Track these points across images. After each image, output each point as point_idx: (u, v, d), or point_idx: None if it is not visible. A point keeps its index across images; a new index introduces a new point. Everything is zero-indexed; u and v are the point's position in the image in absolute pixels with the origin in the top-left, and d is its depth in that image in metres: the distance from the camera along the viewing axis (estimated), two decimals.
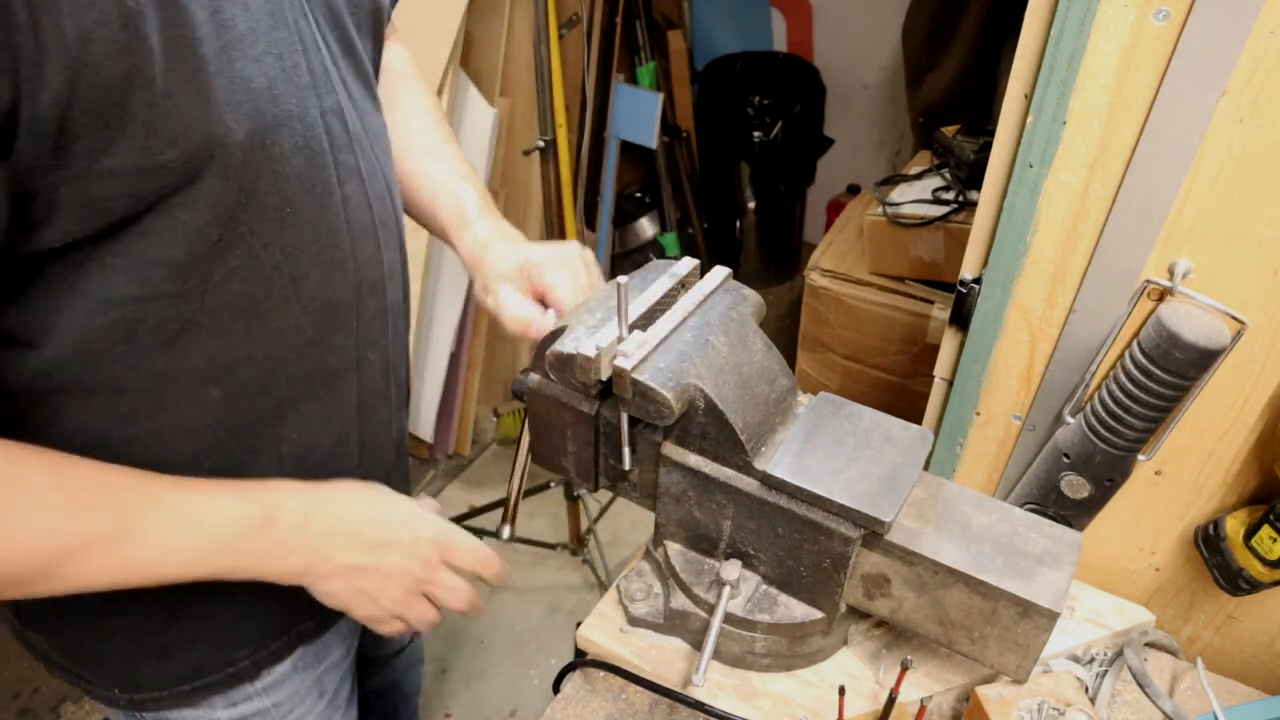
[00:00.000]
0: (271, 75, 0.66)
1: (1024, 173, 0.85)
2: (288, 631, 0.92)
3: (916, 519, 0.79)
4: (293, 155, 0.70)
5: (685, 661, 0.90)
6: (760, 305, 0.87)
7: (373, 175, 0.81)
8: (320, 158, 0.73)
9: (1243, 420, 0.89)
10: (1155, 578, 1.05)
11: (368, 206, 0.80)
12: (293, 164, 0.70)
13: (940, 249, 2.03)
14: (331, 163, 0.74)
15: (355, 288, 0.81)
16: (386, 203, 0.84)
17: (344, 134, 0.76)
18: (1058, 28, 0.78)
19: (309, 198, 0.73)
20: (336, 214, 0.76)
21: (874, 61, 3.15)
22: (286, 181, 0.70)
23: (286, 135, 0.68)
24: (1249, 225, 0.79)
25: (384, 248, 0.84)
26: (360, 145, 0.79)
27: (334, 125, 0.75)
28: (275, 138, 0.67)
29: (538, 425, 0.89)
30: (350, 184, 0.77)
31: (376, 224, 0.82)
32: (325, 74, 0.73)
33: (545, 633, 2.29)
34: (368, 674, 1.26)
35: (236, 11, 0.63)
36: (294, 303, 0.76)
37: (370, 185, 0.80)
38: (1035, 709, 0.80)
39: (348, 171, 0.77)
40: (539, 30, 2.01)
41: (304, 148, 0.71)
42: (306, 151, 0.71)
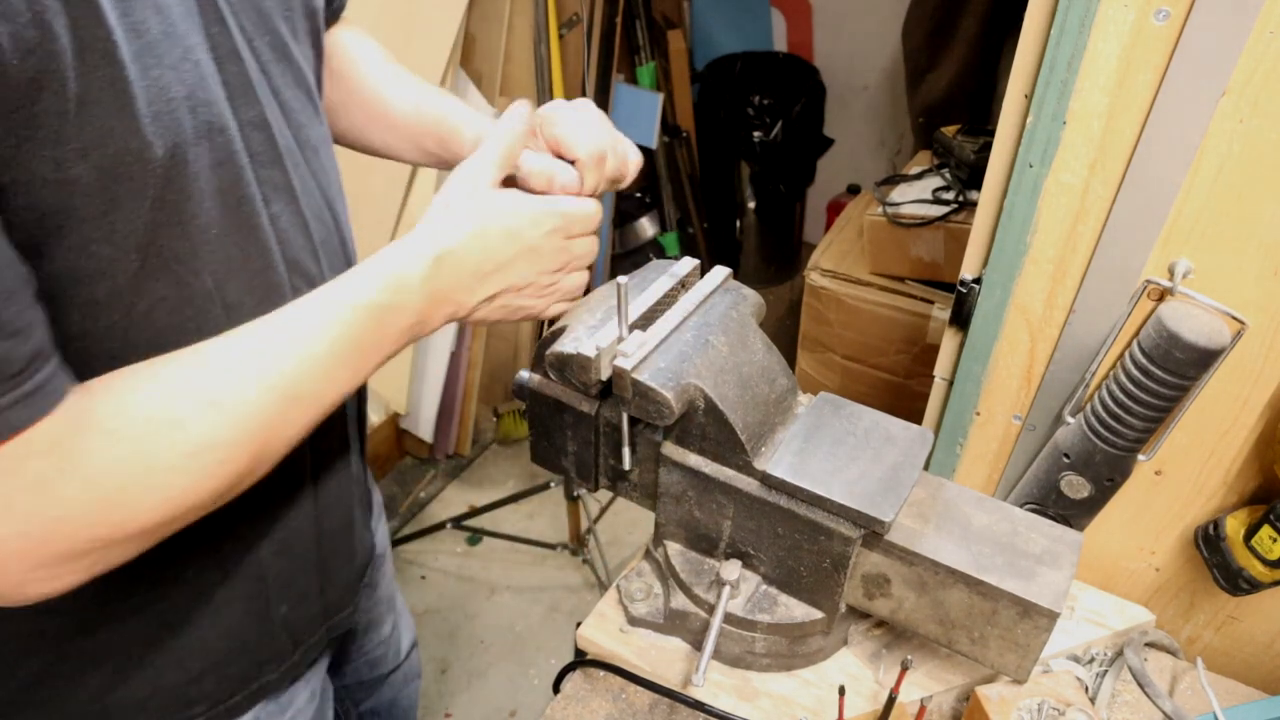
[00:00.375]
0: (190, 84, 0.61)
1: (1024, 173, 0.85)
2: (248, 684, 0.86)
3: (916, 519, 0.79)
4: (213, 172, 0.64)
5: (685, 661, 0.90)
6: (760, 305, 0.87)
7: (308, 192, 0.76)
8: (242, 174, 0.67)
9: (1243, 420, 0.89)
10: (1155, 578, 1.05)
11: (303, 226, 0.75)
12: (213, 181, 0.64)
13: (940, 249, 2.03)
14: (253, 179, 0.69)
15: None
16: (327, 221, 0.79)
17: (268, 148, 0.70)
18: (1058, 28, 0.78)
19: (234, 218, 0.67)
20: (265, 235, 0.70)
21: (874, 61, 3.15)
22: (209, 201, 0.64)
23: (206, 150, 0.63)
24: (1249, 225, 0.79)
25: (327, 270, 0.78)
26: (291, 160, 0.73)
27: (255, 139, 0.69)
28: (196, 153, 0.62)
29: (538, 425, 0.89)
30: (277, 202, 0.72)
31: (316, 245, 0.76)
32: (247, 84, 0.68)
33: (545, 633, 2.29)
34: (363, 695, 1.24)
35: (148, 15, 0.58)
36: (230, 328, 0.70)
37: (305, 203, 0.75)
38: (1035, 709, 0.80)
39: (273, 189, 0.71)
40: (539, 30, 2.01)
41: (224, 163, 0.65)
42: (228, 167, 0.66)
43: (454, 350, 2.54)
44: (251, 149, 0.68)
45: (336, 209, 0.81)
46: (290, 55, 0.74)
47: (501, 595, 2.38)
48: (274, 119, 0.71)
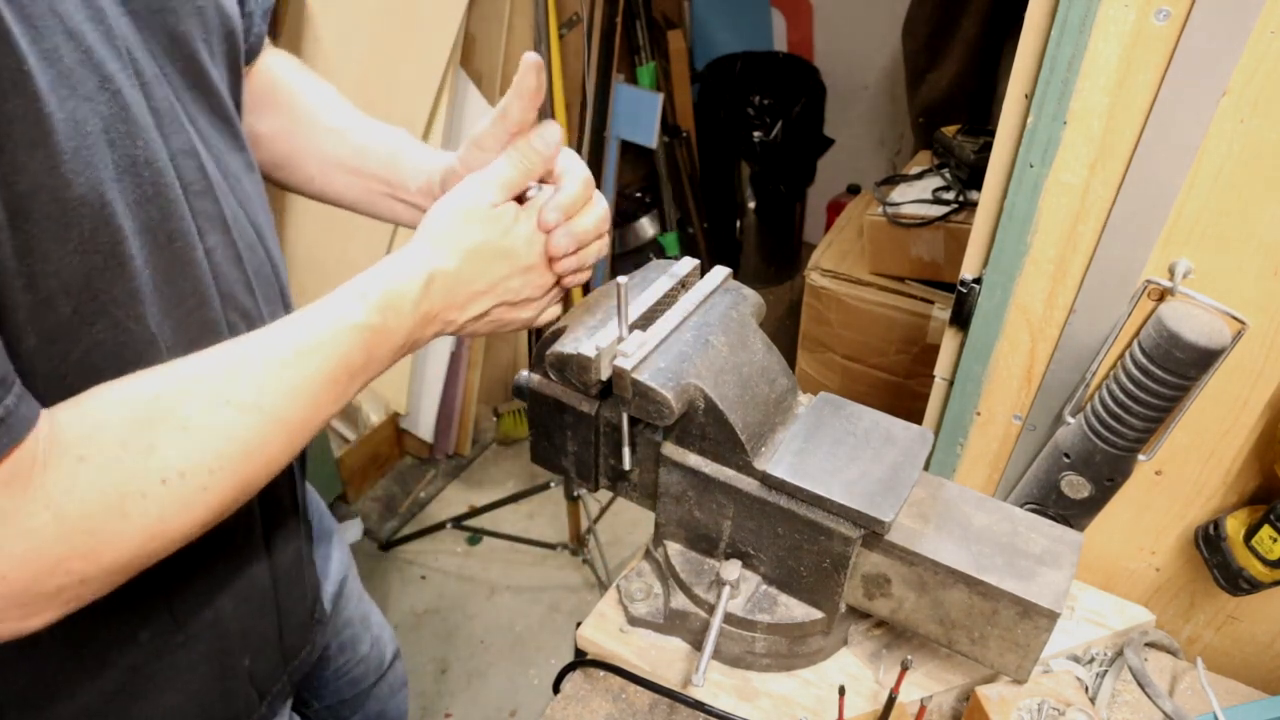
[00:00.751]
0: (108, 115, 0.57)
1: (1024, 173, 0.85)
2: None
3: (917, 519, 0.79)
4: (144, 208, 0.60)
5: (685, 661, 0.90)
6: (760, 305, 0.87)
7: (238, 222, 0.72)
8: (175, 207, 0.63)
9: (1243, 420, 0.89)
10: (1155, 578, 1.05)
11: (236, 258, 0.71)
12: (144, 218, 0.60)
13: (940, 249, 2.03)
14: (187, 212, 0.65)
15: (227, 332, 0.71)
16: (259, 251, 0.75)
17: (200, 177, 0.67)
18: (1058, 28, 0.78)
19: (169, 255, 0.63)
20: (201, 270, 0.67)
21: (874, 61, 3.15)
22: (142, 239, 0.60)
23: (133, 185, 0.59)
24: (1249, 225, 0.79)
25: (262, 302, 0.75)
26: (220, 190, 0.70)
27: (187, 168, 0.65)
28: (123, 189, 0.58)
29: (538, 425, 0.89)
30: (212, 234, 0.68)
31: (250, 276, 0.73)
32: (171, 111, 0.64)
33: (545, 633, 2.29)
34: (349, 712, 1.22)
35: (60, 41, 0.53)
36: None
37: (237, 234, 0.71)
38: (1035, 709, 0.80)
39: (208, 221, 0.67)
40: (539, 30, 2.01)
41: (156, 196, 0.61)
42: (160, 201, 0.61)
43: (454, 350, 2.54)
44: (185, 180, 0.65)
45: (266, 239, 0.78)
46: (206, 81, 0.70)
47: (501, 595, 2.38)
48: (199, 147, 0.67)
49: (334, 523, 1.11)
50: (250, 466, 0.60)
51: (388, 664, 1.25)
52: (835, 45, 3.23)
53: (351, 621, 1.14)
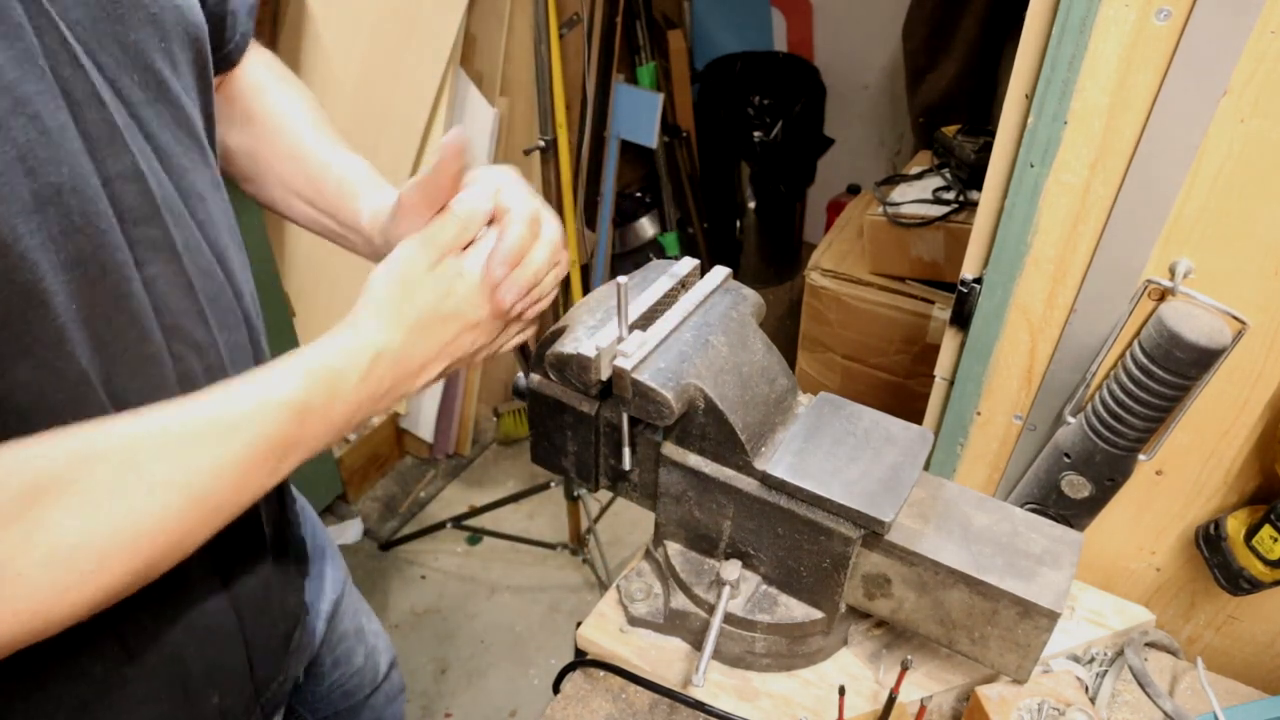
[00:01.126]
0: (25, 142, 0.52)
1: (1025, 173, 0.85)
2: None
3: (917, 519, 0.79)
4: (69, 239, 0.56)
5: (685, 661, 0.90)
6: (760, 305, 0.87)
7: (193, 247, 0.67)
8: (108, 236, 0.59)
9: (1243, 420, 0.89)
10: (1156, 578, 1.05)
11: (186, 286, 0.66)
12: (70, 250, 0.56)
13: (940, 249, 2.03)
14: (123, 242, 0.60)
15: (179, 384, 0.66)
16: (217, 276, 0.71)
17: (143, 202, 0.62)
18: (1058, 27, 0.78)
19: (99, 288, 0.59)
20: (140, 301, 0.62)
21: (874, 61, 3.15)
22: (69, 273, 0.56)
23: (56, 216, 0.55)
24: (1250, 225, 0.79)
25: (218, 330, 0.70)
26: (171, 212, 0.64)
27: (126, 193, 0.60)
28: (42, 220, 0.54)
29: (538, 425, 0.89)
30: (154, 263, 0.63)
31: (204, 303, 0.68)
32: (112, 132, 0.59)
33: (545, 633, 2.29)
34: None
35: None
36: None
37: (190, 259, 0.66)
38: (1035, 709, 0.80)
39: (149, 249, 0.63)
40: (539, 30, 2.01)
41: (85, 226, 0.57)
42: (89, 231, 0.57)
43: None
44: (121, 206, 0.60)
45: (229, 261, 0.73)
46: (168, 93, 0.65)
47: (501, 595, 2.38)
48: (148, 168, 0.62)
49: (328, 538, 1.08)
50: (156, 547, 0.56)
51: (383, 675, 1.22)
52: (835, 45, 3.23)
53: (347, 635, 1.11)
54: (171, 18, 0.65)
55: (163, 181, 0.64)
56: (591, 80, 2.57)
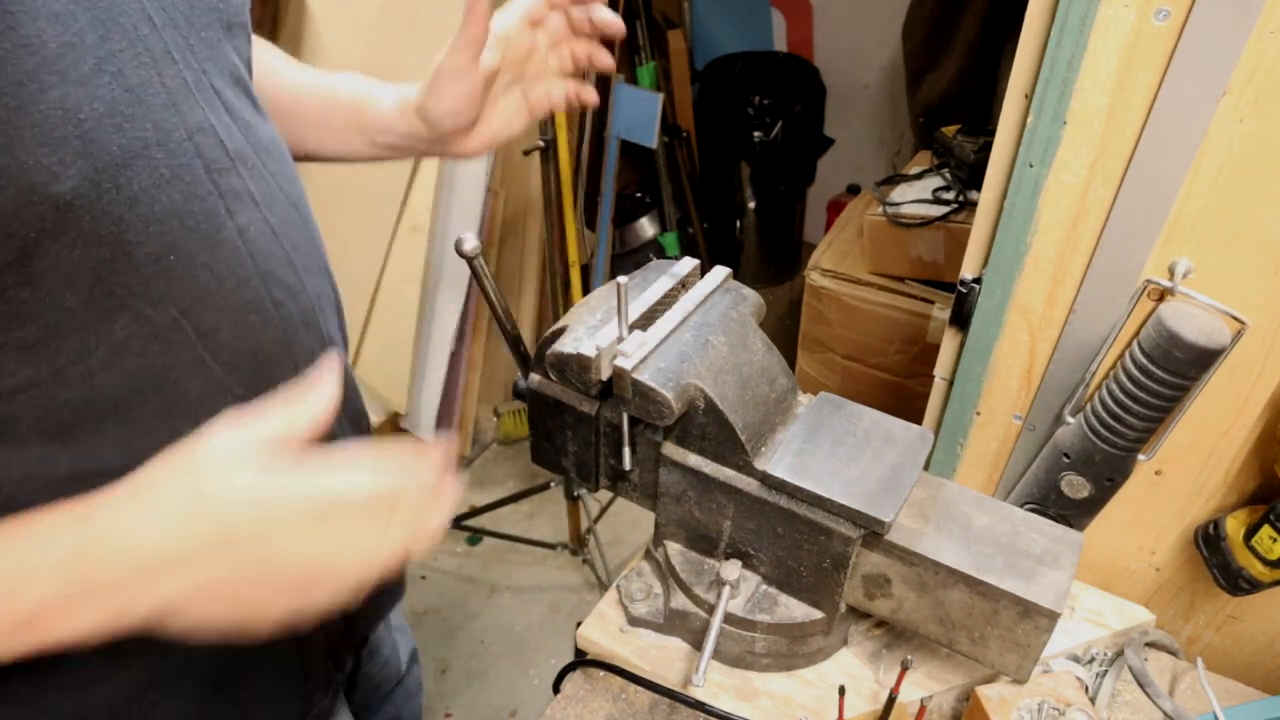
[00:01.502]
0: (111, 99, 0.54)
1: (1024, 173, 0.85)
2: None
3: (917, 519, 0.79)
4: (160, 191, 0.58)
5: (685, 661, 0.90)
6: (760, 305, 0.87)
7: (271, 197, 0.69)
8: (197, 187, 0.61)
9: (1243, 420, 0.89)
10: (1155, 578, 1.05)
11: (272, 234, 0.68)
12: (163, 202, 0.58)
13: (940, 249, 2.03)
14: (214, 190, 0.62)
15: (282, 329, 0.69)
16: (296, 224, 0.73)
17: (222, 154, 0.64)
18: (1058, 28, 0.78)
19: (195, 237, 0.61)
20: (235, 249, 0.64)
21: (874, 61, 3.15)
22: (160, 224, 0.58)
23: (146, 169, 0.57)
24: (1249, 225, 0.79)
25: (305, 274, 0.72)
26: (247, 163, 0.67)
27: (207, 146, 0.62)
28: (131, 175, 0.56)
29: (538, 425, 0.89)
30: (243, 212, 0.65)
31: (289, 250, 0.70)
32: (186, 87, 0.61)
33: (545, 633, 2.29)
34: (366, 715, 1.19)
35: (43, 26, 0.50)
36: (211, 363, 0.64)
37: (270, 209, 0.69)
38: (1035, 709, 0.80)
39: (236, 198, 0.65)
40: None
41: (174, 179, 0.59)
42: (178, 184, 0.59)
43: (454, 350, 2.54)
44: (205, 157, 0.62)
45: (303, 210, 0.75)
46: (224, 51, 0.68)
47: (501, 595, 2.38)
48: (219, 122, 0.64)
49: None
50: None
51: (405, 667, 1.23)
52: (835, 45, 3.23)
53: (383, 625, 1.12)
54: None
55: (233, 134, 0.66)
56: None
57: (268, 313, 0.67)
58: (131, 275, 0.57)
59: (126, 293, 0.57)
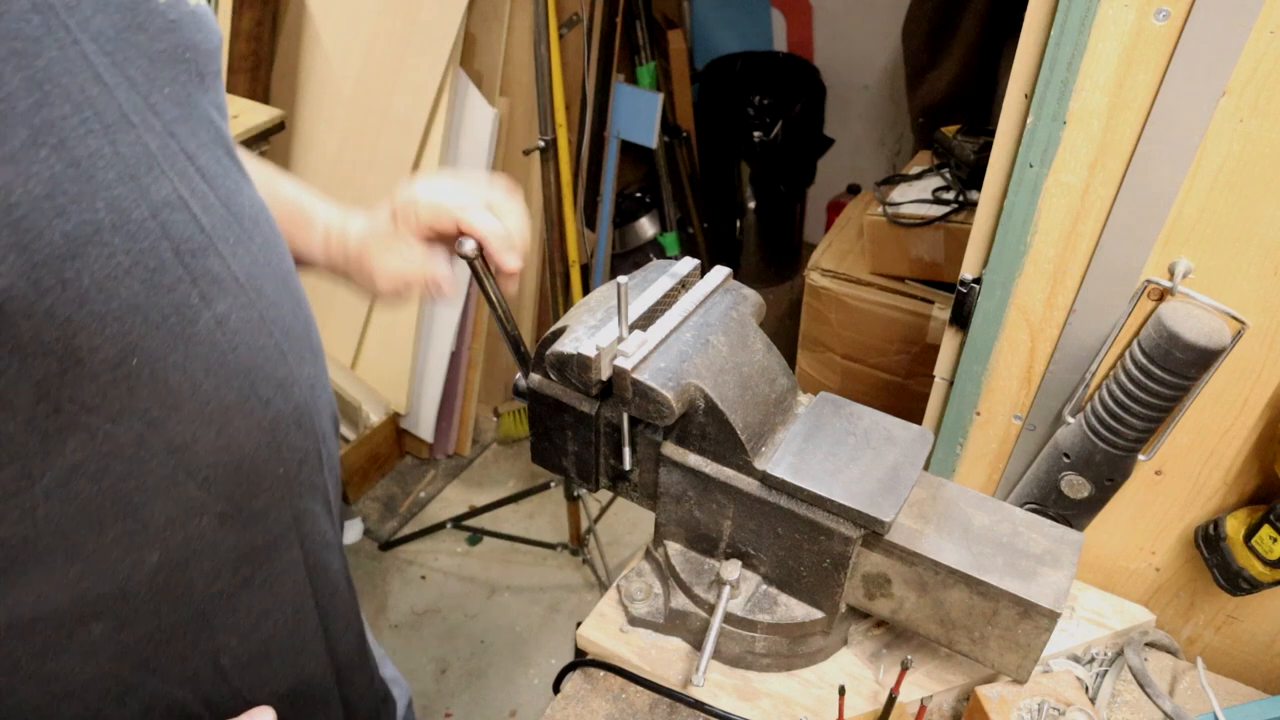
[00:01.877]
0: (51, 176, 0.45)
1: (1024, 173, 0.85)
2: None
3: (917, 519, 0.79)
4: (118, 283, 0.49)
5: (685, 661, 0.90)
6: (760, 305, 0.87)
7: (257, 276, 0.60)
8: (164, 275, 0.52)
9: (1243, 420, 0.89)
10: (1155, 578, 1.05)
11: (259, 320, 0.59)
12: (122, 296, 0.49)
13: (940, 249, 2.03)
14: (186, 276, 0.53)
15: (270, 431, 0.61)
16: (287, 304, 0.64)
17: (196, 231, 0.54)
18: (1058, 28, 0.78)
19: (162, 334, 0.52)
20: (213, 343, 0.55)
21: (874, 61, 3.15)
22: (120, 323, 0.49)
23: (98, 258, 0.48)
24: (1249, 225, 0.79)
25: (297, 363, 0.63)
26: (228, 239, 0.57)
27: (176, 223, 0.53)
28: (80, 267, 0.47)
29: (538, 425, 0.89)
30: (222, 299, 0.56)
31: (279, 337, 0.61)
32: (148, 156, 0.52)
33: (545, 633, 2.29)
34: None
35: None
36: (185, 481, 0.56)
37: (256, 290, 0.59)
38: (1035, 709, 0.80)
39: (213, 282, 0.55)
40: (539, 30, 2.01)
41: (135, 267, 0.50)
42: (139, 272, 0.50)
43: (454, 350, 2.53)
44: (174, 237, 0.53)
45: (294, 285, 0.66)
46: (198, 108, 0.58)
47: (501, 595, 2.38)
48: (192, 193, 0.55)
49: None
50: None
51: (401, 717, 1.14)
52: (835, 45, 3.23)
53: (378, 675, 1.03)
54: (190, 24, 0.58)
55: (210, 205, 0.57)
56: (591, 80, 2.56)
57: (254, 415, 0.59)
58: (85, 387, 0.49)
59: (79, 408, 0.49)
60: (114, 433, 0.51)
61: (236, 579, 0.62)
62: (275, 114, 1.80)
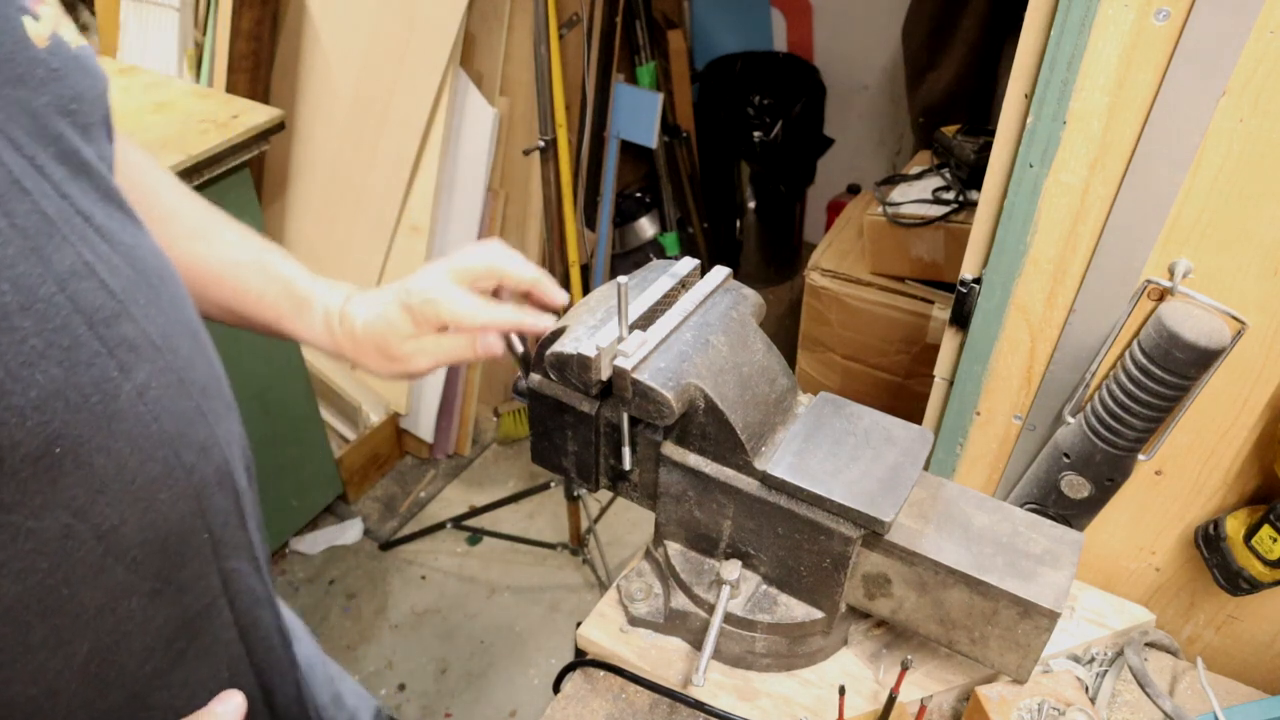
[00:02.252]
0: None
1: (1024, 173, 0.85)
2: None
3: (917, 519, 0.79)
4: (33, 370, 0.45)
5: (685, 661, 0.90)
6: (760, 305, 0.87)
7: (171, 335, 0.56)
8: (80, 351, 0.48)
9: (1243, 420, 0.89)
10: (1155, 578, 1.05)
11: (178, 383, 0.56)
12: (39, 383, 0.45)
13: (940, 249, 2.03)
14: (103, 349, 0.49)
15: (195, 498, 0.57)
16: (201, 360, 0.60)
17: (107, 298, 0.50)
18: (1058, 27, 0.78)
19: (84, 417, 0.48)
20: (136, 417, 0.52)
21: (874, 61, 3.15)
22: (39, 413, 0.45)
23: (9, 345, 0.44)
24: (1249, 225, 0.79)
25: (216, 421, 0.60)
26: (139, 300, 0.53)
27: (85, 292, 0.49)
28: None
29: (538, 425, 0.89)
30: (140, 367, 0.52)
31: (197, 398, 0.58)
32: (47, 224, 0.47)
33: (545, 633, 2.29)
34: None
35: None
36: (114, 567, 0.52)
37: (172, 351, 0.56)
38: (1035, 709, 0.80)
39: (130, 350, 0.52)
40: (539, 30, 2.01)
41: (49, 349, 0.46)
42: (54, 354, 0.46)
43: None
44: (85, 308, 0.49)
45: (203, 338, 0.62)
46: (87, 164, 0.53)
47: (501, 595, 2.38)
48: (97, 257, 0.51)
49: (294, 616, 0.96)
50: None
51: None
52: (835, 45, 3.23)
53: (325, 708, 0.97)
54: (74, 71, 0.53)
55: (116, 268, 0.53)
56: (591, 80, 2.57)
57: (178, 484, 0.55)
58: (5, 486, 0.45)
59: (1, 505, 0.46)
60: (37, 529, 0.48)
61: (170, 654, 0.59)
62: (275, 114, 1.80)
